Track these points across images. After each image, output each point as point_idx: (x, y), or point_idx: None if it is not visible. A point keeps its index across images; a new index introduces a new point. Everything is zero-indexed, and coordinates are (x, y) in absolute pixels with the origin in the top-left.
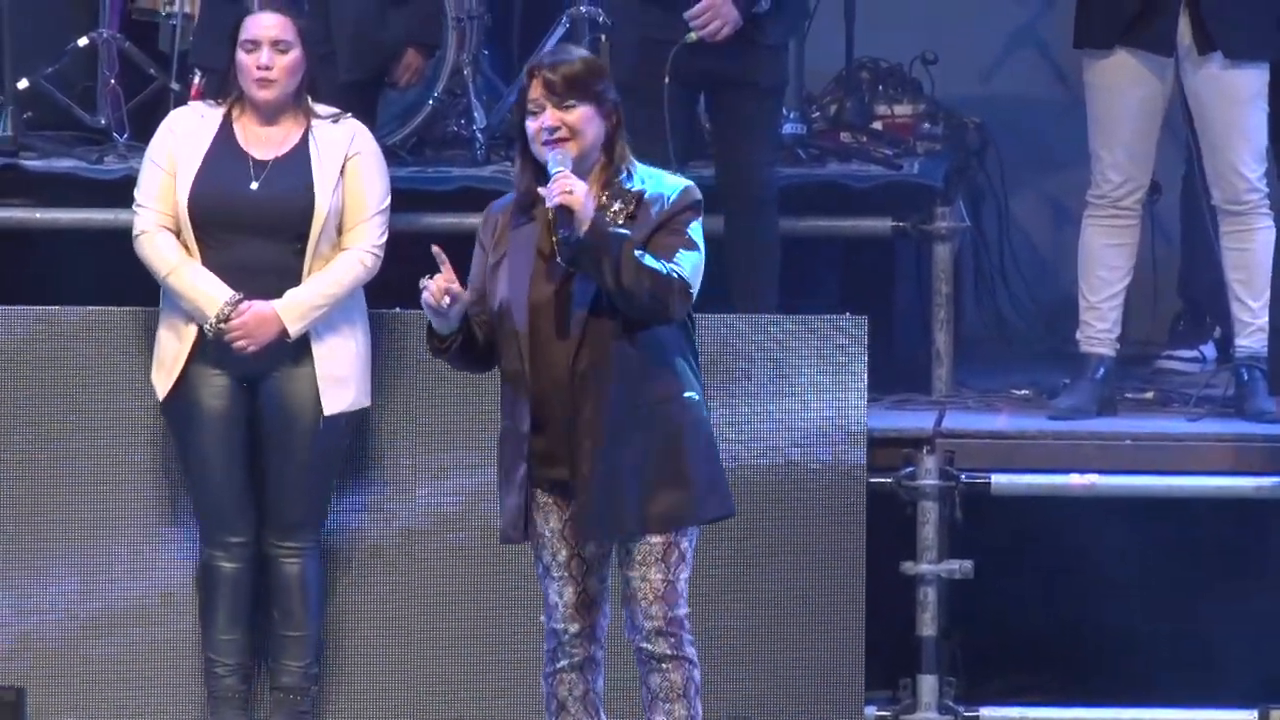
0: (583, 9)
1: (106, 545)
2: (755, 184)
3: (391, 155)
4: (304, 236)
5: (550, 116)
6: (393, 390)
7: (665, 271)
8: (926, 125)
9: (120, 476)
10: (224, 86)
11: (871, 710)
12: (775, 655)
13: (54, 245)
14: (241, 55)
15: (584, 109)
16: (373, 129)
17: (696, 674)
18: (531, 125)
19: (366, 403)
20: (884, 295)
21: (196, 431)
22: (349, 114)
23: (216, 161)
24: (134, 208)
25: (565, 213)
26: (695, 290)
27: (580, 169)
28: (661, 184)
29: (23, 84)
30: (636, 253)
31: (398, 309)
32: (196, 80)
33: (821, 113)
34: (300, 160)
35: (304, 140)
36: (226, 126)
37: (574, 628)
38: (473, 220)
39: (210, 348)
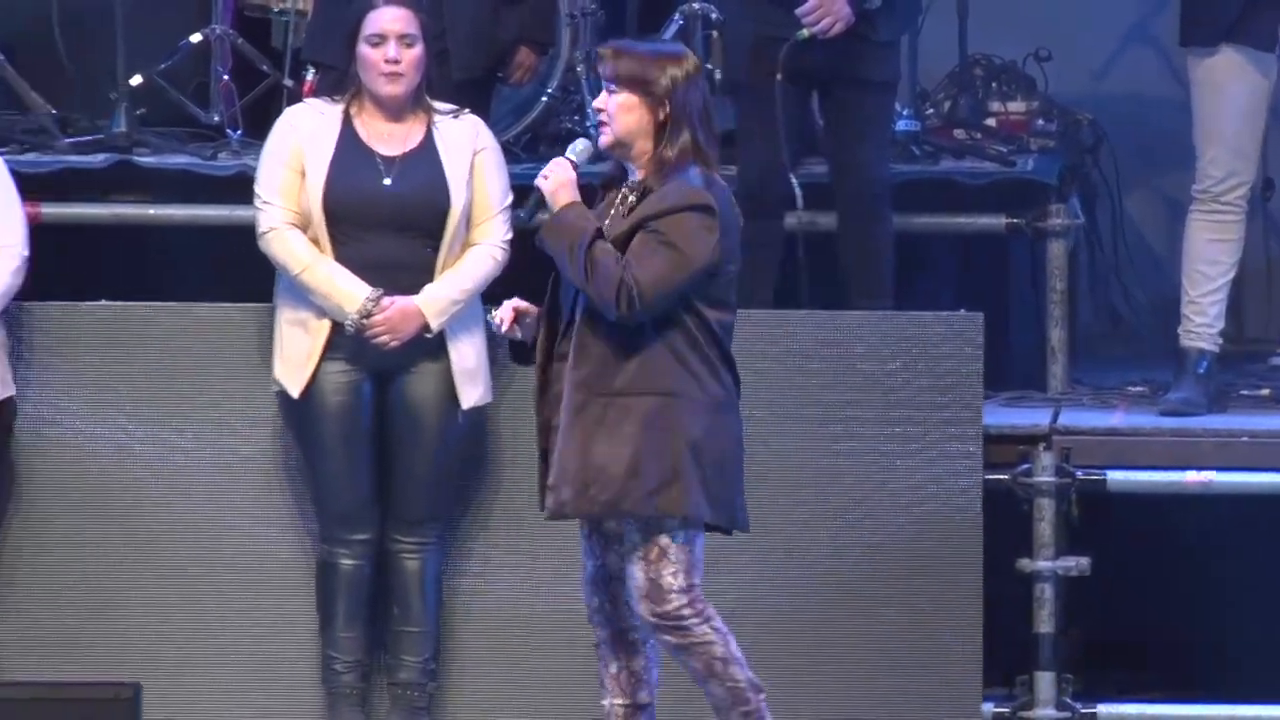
0: (696, 6)
1: (224, 542)
2: (869, 181)
3: (506, 151)
4: (439, 233)
5: (601, 98)
6: (510, 385)
7: (612, 275)
8: (1040, 122)
9: (237, 473)
10: (341, 83)
11: (989, 707)
12: (893, 653)
13: (167, 241)
14: (366, 50)
15: (625, 97)
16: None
17: (717, 649)
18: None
19: (491, 398)
20: (999, 292)
21: (323, 428)
22: (467, 110)
23: (345, 158)
24: (258, 205)
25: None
26: (658, 293)
27: (625, 155)
28: (678, 185)
29: (136, 80)
30: (602, 249)
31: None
32: (309, 77)
33: (935, 109)
34: (429, 157)
35: (428, 136)
36: (348, 123)
37: (594, 601)
38: None
39: (344, 343)
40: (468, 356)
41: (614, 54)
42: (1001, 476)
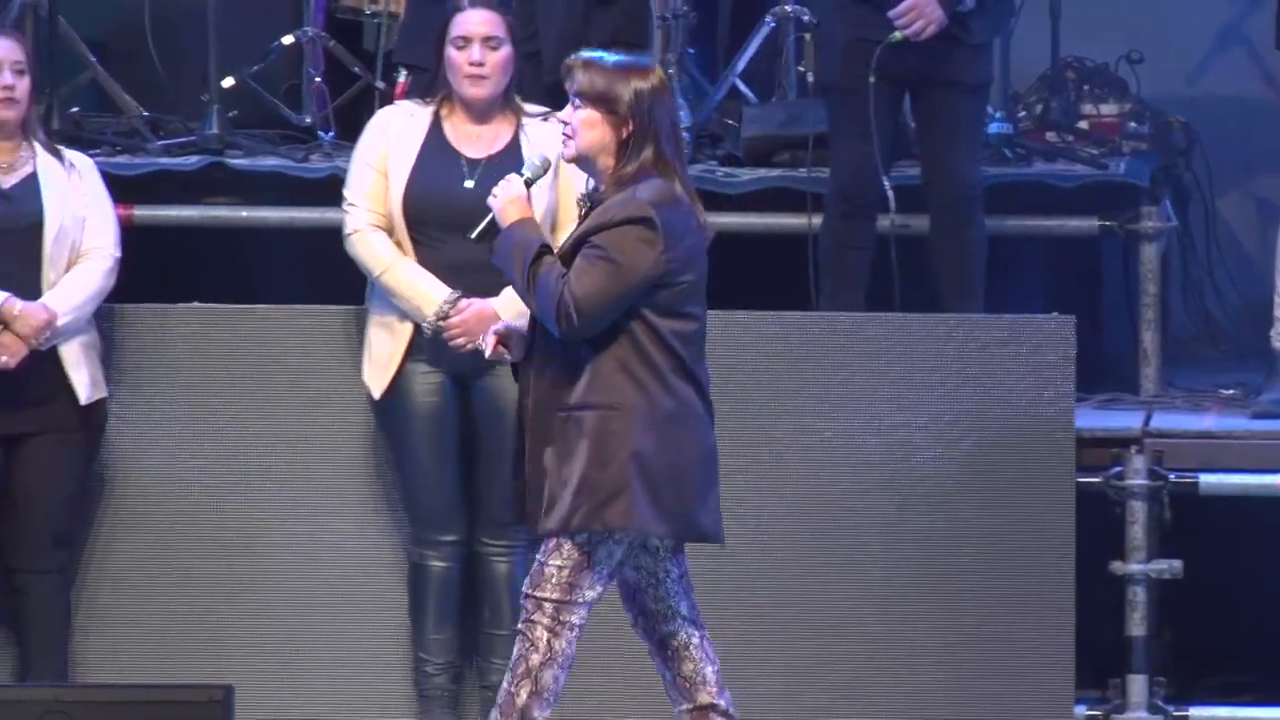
0: (788, 8)
1: (316, 543)
2: (961, 183)
3: None
4: None
5: (566, 111)
6: None
7: (552, 292)
8: (1132, 125)
9: (329, 476)
10: (432, 85)
11: (1081, 710)
12: (985, 655)
13: (259, 243)
14: (452, 52)
15: (589, 113)
16: None
17: (533, 659)
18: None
19: None
20: (1091, 295)
21: (410, 430)
22: (558, 112)
23: (429, 160)
24: (344, 206)
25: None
26: (596, 308)
27: (589, 169)
28: (620, 199)
29: (228, 82)
30: (546, 266)
31: None
32: (401, 79)
33: (1027, 112)
34: (514, 159)
35: (515, 139)
36: (436, 125)
37: (629, 616)
38: None
39: (425, 345)
40: None
41: (582, 67)
42: (1094, 479)
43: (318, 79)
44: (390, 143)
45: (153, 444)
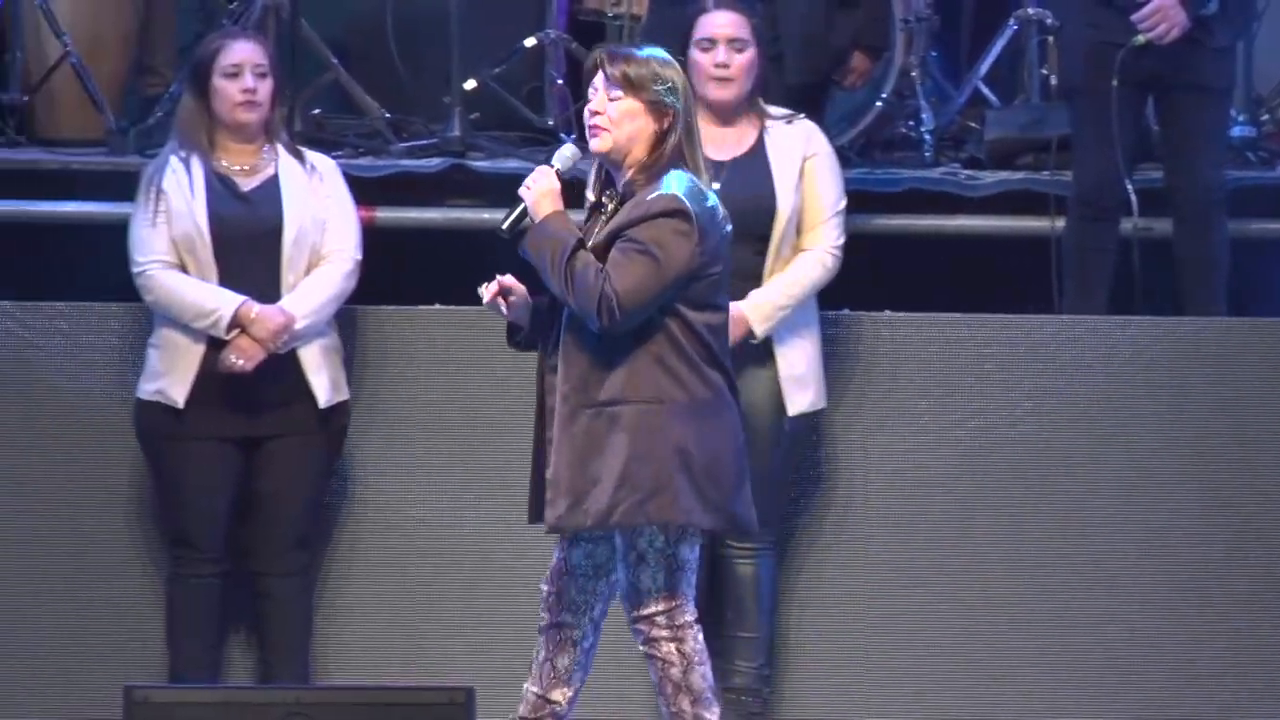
0: (1031, 11)
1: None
2: (1204, 186)
3: (840, 156)
4: (766, 238)
5: (599, 101)
6: (845, 392)
7: (591, 287)
8: None
9: None
10: None
11: None
12: (1239, 656)
13: (501, 246)
14: (697, 54)
15: (631, 103)
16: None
17: (674, 671)
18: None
19: (823, 404)
20: None
21: None
22: (802, 114)
23: None
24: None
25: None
26: (637, 302)
27: (617, 162)
28: (653, 192)
29: (470, 84)
30: (582, 260)
31: (846, 310)
32: None
33: (1270, 115)
34: (758, 161)
35: (759, 141)
36: None
37: (544, 589)
38: (924, 221)
39: None
40: (796, 363)
41: (625, 59)
42: None
43: (560, 81)
44: None
45: (394, 446)
